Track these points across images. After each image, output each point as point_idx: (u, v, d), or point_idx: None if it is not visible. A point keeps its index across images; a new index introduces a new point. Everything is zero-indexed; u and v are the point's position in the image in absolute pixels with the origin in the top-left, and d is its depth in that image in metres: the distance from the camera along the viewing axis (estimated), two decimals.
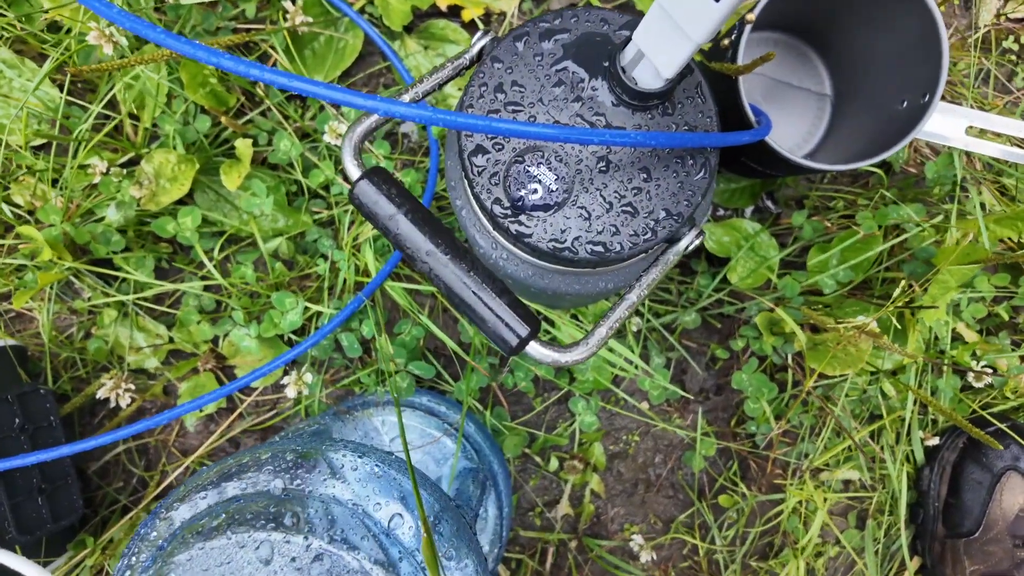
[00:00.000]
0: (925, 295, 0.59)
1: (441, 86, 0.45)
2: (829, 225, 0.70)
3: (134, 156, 0.72)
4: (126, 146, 0.70)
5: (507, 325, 0.38)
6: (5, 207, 0.71)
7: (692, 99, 0.44)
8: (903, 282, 0.60)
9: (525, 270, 0.50)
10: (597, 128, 0.44)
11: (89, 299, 0.74)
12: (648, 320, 0.77)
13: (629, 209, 0.44)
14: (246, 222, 0.72)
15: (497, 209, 0.44)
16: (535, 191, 0.44)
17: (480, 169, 0.44)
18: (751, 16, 0.51)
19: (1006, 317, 0.74)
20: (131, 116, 0.74)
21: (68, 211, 0.70)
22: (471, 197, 0.46)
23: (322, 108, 0.75)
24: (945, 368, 0.73)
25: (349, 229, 0.73)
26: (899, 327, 0.65)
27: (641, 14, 0.40)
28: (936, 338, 0.72)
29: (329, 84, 0.35)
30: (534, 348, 0.39)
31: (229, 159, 0.72)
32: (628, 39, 0.41)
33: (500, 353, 0.74)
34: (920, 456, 0.76)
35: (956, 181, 0.69)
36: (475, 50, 0.46)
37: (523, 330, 0.38)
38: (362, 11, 0.78)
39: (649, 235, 0.44)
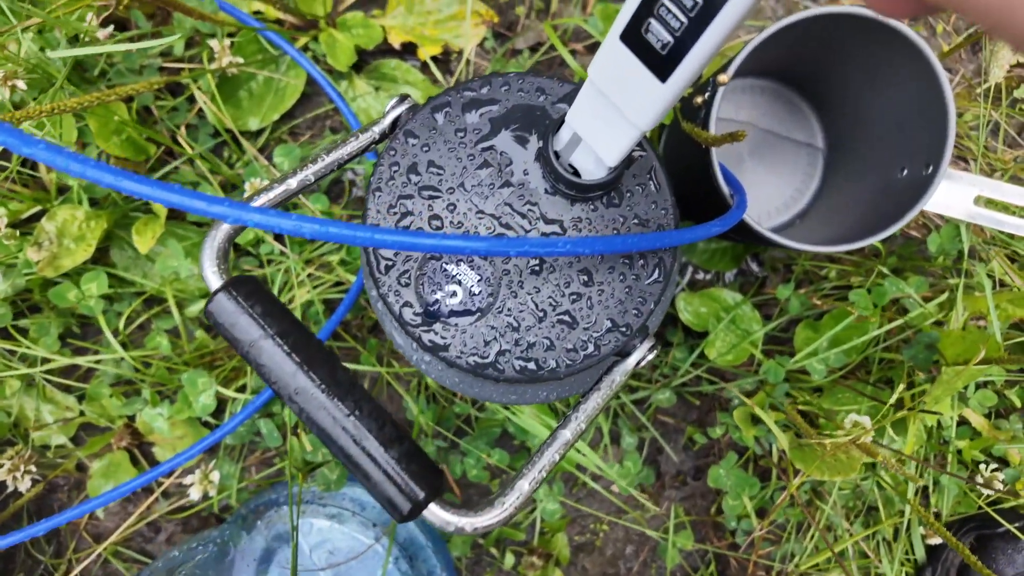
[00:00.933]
0: (927, 396, 0.51)
1: (342, 165, 0.37)
2: (819, 303, 0.62)
3: (44, 209, 0.64)
4: (26, 198, 0.63)
5: (397, 486, 0.30)
6: None
7: (644, 186, 0.37)
8: (900, 386, 0.51)
9: (451, 377, 0.42)
10: (523, 237, 0.36)
11: None
12: (618, 396, 0.69)
13: (566, 319, 0.36)
14: (164, 284, 0.64)
15: (407, 314, 0.36)
16: (453, 294, 0.36)
17: (388, 265, 0.37)
18: (724, 78, 0.43)
19: (1019, 403, 0.65)
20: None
21: None
22: (379, 296, 0.38)
23: (256, 157, 0.67)
24: (950, 459, 0.64)
25: (280, 292, 0.65)
26: (895, 429, 0.57)
27: None
28: (940, 425, 0.64)
29: (168, 185, 0.28)
30: (433, 513, 0.31)
31: (147, 215, 0.64)
32: (561, 120, 0.33)
33: (442, 441, 0.66)
34: (921, 554, 0.68)
35: (963, 252, 0.61)
36: (387, 121, 0.39)
37: (417, 493, 0.30)
38: (305, 49, 0.70)
39: (591, 350, 0.36)
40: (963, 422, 0.67)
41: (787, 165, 0.69)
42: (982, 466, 0.58)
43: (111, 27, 0.62)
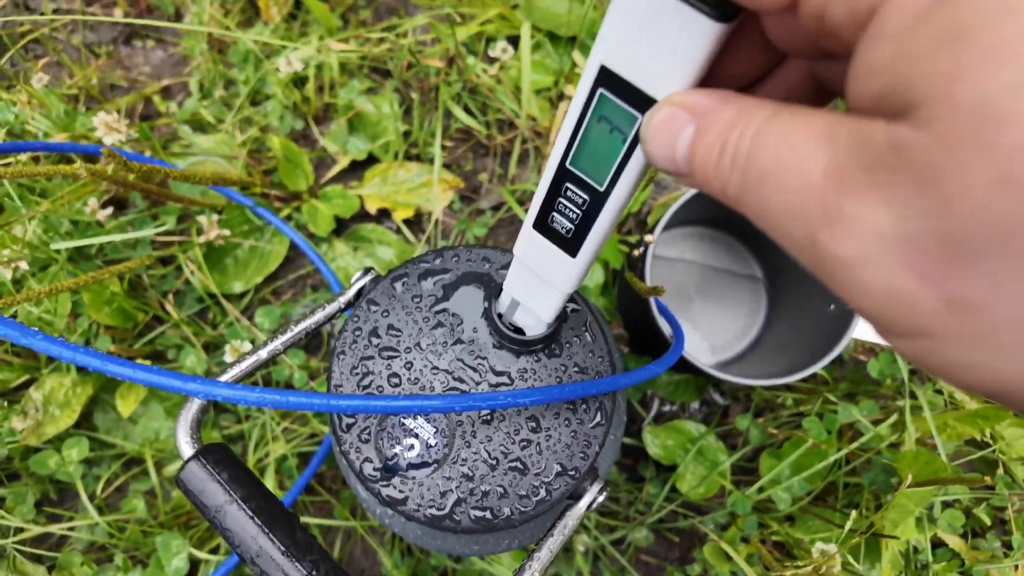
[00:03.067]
0: (885, 521, 0.53)
1: (309, 334, 0.41)
2: (775, 432, 0.64)
3: (32, 378, 0.67)
4: (16, 368, 0.66)
5: None
6: None
7: (581, 337, 0.41)
8: (860, 510, 0.53)
9: (413, 531, 0.43)
10: (467, 394, 0.40)
11: None
12: (596, 537, 0.69)
13: (518, 466, 0.39)
14: (144, 445, 0.66)
15: (368, 469, 0.39)
16: (411, 447, 0.39)
17: (349, 423, 0.39)
18: (651, 237, 0.49)
19: (988, 521, 0.66)
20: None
21: None
22: (339, 453, 0.40)
23: (238, 319, 0.72)
24: None
25: (256, 446, 0.66)
26: (868, 549, 0.57)
27: None
28: (916, 549, 0.64)
29: (147, 367, 0.31)
30: None
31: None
32: (500, 287, 0.38)
33: None
34: None
35: (904, 377, 0.65)
36: (353, 291, 0.43)
37: None
38: (288, 218, 0.78)
39: (543, 495, 0.38)
40: (941, 543, 0.67)
41: (733, 298, 0.74)
42: None
43: (111, 208, 0.69)
